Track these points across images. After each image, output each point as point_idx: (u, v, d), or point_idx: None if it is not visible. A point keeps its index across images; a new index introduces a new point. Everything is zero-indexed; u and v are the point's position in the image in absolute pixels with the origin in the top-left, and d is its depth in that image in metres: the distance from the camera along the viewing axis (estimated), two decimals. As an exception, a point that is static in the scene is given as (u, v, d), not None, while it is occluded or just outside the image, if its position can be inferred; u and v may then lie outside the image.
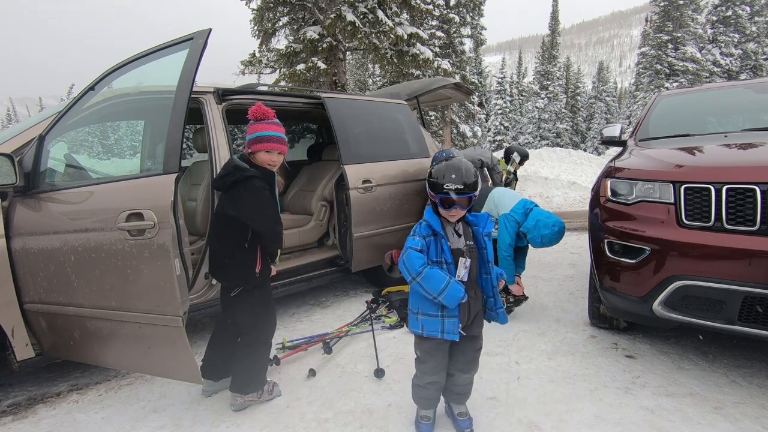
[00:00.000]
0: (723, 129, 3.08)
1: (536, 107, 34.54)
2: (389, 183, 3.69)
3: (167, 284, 1.93)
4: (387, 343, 2.84)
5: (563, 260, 4.84)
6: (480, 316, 1.87)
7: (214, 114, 2.92)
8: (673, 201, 2.13)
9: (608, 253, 2.36)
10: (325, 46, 10.30)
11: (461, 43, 19.76)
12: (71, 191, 2.21)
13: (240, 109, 3.10)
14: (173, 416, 2.16)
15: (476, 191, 1.70)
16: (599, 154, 18.89)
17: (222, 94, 3.00)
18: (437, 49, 15.19)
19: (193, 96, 2.39)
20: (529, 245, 3.27)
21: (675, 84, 24.30)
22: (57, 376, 2.72)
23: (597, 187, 2.63)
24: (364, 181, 3.50)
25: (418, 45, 11.14)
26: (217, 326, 2.34)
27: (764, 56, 26.83)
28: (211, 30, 2.11)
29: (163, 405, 2.28)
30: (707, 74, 25.34)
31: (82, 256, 2.07)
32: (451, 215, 1.74)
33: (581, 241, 5.54)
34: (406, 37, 10.58)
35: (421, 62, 11.27)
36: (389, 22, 10.24)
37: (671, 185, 2.14)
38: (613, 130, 3.33)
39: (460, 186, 1.66)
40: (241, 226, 2.04)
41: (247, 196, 2.01)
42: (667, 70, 25.64)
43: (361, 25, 9.86)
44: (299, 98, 3.65)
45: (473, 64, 25.87)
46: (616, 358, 2.52)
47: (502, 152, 7.11)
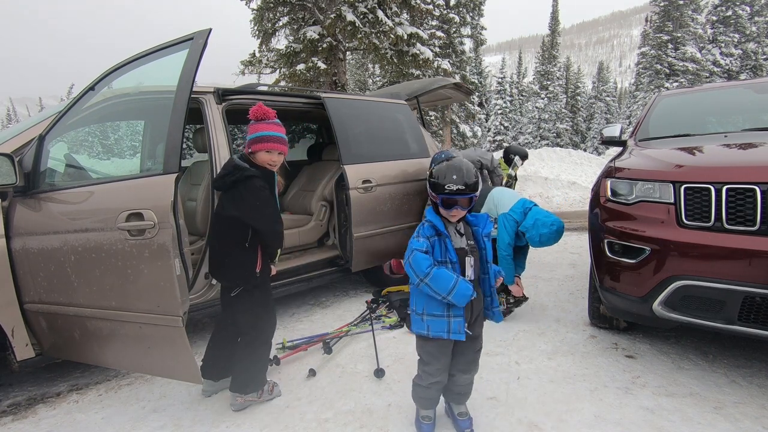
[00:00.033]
0: (723, 129, 3.08)
1: (536, 107, 34.54)
2: (389, 183, 3.69)
3: (167, 284, 1.93)
4: (387, 343, 2.84)
5: (563, 260, 4.84)
6: (481, 316, 1.87)
7: (214, 114, 2.92)
8: (673, 201, 2.13)
9: (608, 253, 2.37)
10: (325, 46, 10.30)
11: (461, 43, 19.78)
12: (71, 191, 2.21)
13: (240, 109, 3.10)
14: (173, 416, 2.16)
15: (477, 191, 1.70)
16: (599, 154, 18.87)
17: (222, 94, 3.00)
18: (437, 49, 15.21)
19: (193, 96, 2.40)
20: (529, 246, 3.27)
21: (675, 84, 24.30)
22: (57, 376, 2.72)
23: (597, 187, 2.63)
24: (364, 181, 3.50)
25: (418, 45, 11.15)
26: (217, 326, 2.34)
27: (764, 56, 26.84)
28: (211, 30, 2.11)
29: (163, 405, 2.28)
30: (707, 74, 25.36)
31: (82, 256, 2.08)
32: (452, 215, 1.74)
33: (581, 241, 5.54)
34: (406, 37, 10.59)
35: (421, 62, 11.28)
36: (389, 22, 10.24)
37: (671, 185, 2.14)
38: (613, 130, 3.33)
39: (461, 186, 1.66)
40: (241, 225, 2.04)
41: (248, 196, 2.01)
42: (667, 70, 25.65)
43: (361, 25, 9.87)
44: (299, 98, 3.64)
45: (473, 64, 25.89)
46: (616, 358, 2.52)
47: (501, 152, 7.07)
